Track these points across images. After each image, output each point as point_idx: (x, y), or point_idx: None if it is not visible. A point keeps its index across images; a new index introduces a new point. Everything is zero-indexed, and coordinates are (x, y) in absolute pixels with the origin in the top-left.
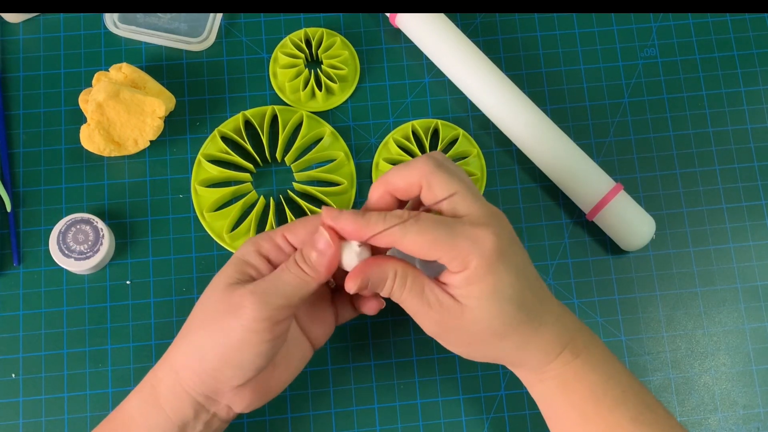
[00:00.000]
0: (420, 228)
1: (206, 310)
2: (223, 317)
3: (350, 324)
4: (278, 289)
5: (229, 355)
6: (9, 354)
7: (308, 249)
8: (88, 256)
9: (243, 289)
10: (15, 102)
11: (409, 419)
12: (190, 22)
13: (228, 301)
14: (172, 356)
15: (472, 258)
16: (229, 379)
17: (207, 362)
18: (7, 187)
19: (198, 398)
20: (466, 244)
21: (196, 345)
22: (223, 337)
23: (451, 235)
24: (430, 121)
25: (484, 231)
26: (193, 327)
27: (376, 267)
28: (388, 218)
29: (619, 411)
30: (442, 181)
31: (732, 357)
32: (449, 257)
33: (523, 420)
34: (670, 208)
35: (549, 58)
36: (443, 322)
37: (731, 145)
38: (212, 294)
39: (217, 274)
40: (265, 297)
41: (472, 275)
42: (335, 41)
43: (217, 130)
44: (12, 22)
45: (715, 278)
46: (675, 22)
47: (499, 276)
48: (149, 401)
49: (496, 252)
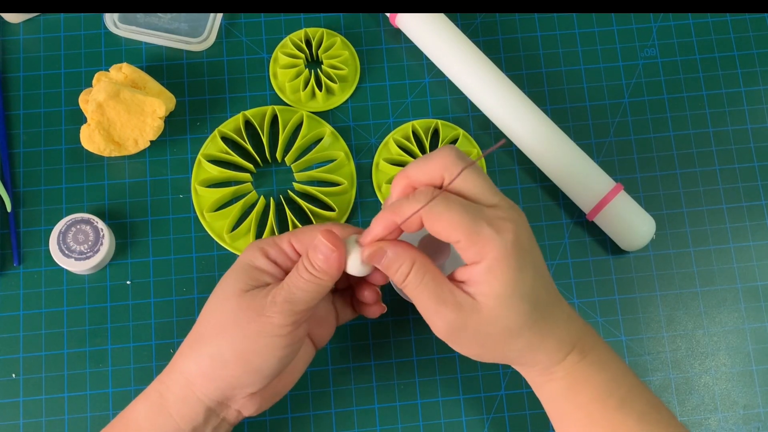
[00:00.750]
0: (447, 206)
1: (223, 318)
2: (246, 324)
3: (351, 324)
4: (297, 295)
5: (252, 362)
6: (9, 354)
7: (314, 253)
8: (89, 256)
9: (264, 295)
10: (15, 102)
11: (410, 419)
12: (190, 22)
13: (249, 308)
14: (181, 364)
15: (492, 249)
16: (248, 385)
17: (227, 369)
18: (8, 187)
19: (210, 404)
20: (488, 232)
21: (213, 352)
22: (246, 344)
23: (474, 220)
24: (431, 121)
25: (506, 223)
26: (208, 334)
27: (399, 247)
28: (414, 197)
29: (625, 411)
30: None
31: (732, 357)
32: (468, 242)
33: (524, 420)
34: (671, 208)
35: (549, 58)
36: (456, 322)
37: (731, 145)
38: (226, 301)
39: (224, 280)
40: (288, 303)
41: (491, 268)
42: (335, 41)
43: (217, 130)
44: (12, 22)
45: (716, 278)
46: (675, 23)
47: (518, 272)
48: (157, 408)
49: (516, 246)
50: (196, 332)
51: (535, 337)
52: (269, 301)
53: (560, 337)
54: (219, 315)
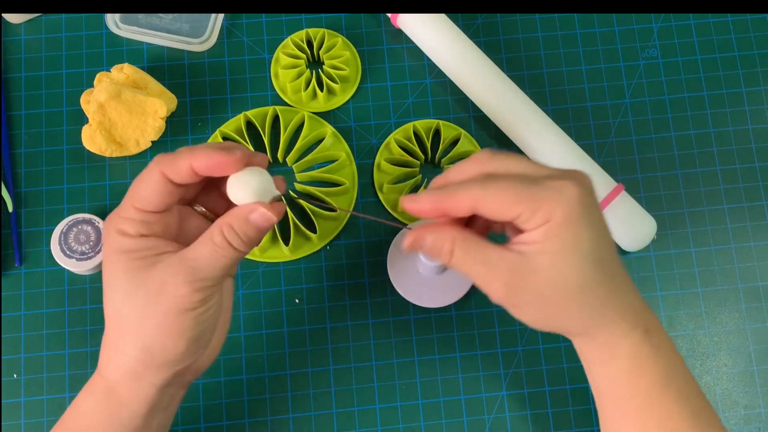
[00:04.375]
0: (501, 184)
1: (131, 313)
2: (159, 313)
3: (351, 324)
4: (207, 270)
5: (184, 340)
6: (11, 354)
7: (244, 225)
8: (90, 256)
9: (160, 275)
10: (17, 102)
11: (411, 419)
12: (191, 22)
13: (151, 294)
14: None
15: (557, 208)
16: (202, 362)
17: (165, 355)
18: (9, 188)
19: (163, 383)
20: (550, 193)
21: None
22: (170, 327)
23: (533, 188)
24: (432, 121)
25: (569, 182)
26: (127, 331)
27: (435, 233)
28: (463, 184)
29: (682, 403)
30: (504, 161)
31: (733, 357)
32: (531, 210)
33: (525, 420)
34: (672, 208)
35: (550, 59)
36: (513, 284)
37: (732, 146)
38: (126, 296)
39: (109, 274)
40: (198, 281)
41: (553, 227)
42: (337, 42)
43: (218, 131)
44: (14, 22)
45: (717, 278)
46: (676, 23)
47: (580, 230)
48: (107, 401)
49: (581, 203)
50: (113, 330)
51: (599, 301)
52: (170, 280)
53: (625, 308)
54: (125, 312)
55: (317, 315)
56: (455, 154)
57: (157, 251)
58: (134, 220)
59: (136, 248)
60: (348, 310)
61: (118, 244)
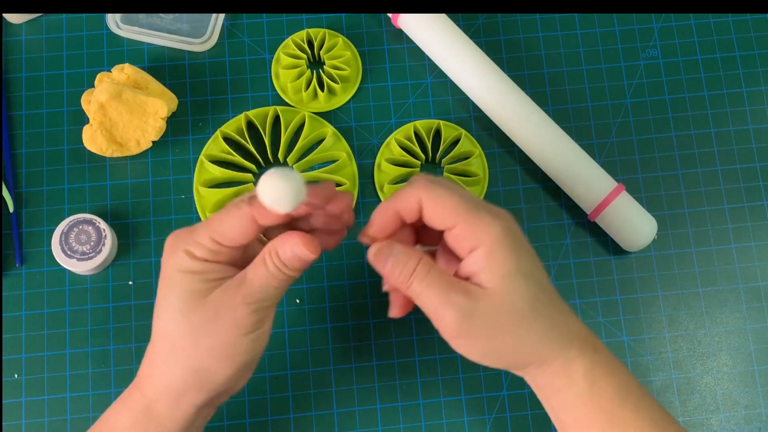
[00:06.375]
0: (447, 190)
1: (185, 332)
2: (214, 332)
3: (352, 324)
4: (262, 292)
5: (233, 364)
6: (12, 354)
7: (290, 257)
8: (91, 256)
9: (219, 298)
10: (17, 103)
11: (411, 419)
12: (192, 22)
13: (209, 315)
14: (162, 377)
15: (490, 232)
16: (239, 385)
17: (213, 377)
18: (10, 188)
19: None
20: (487, 216)
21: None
22: (223, 351)
23: (472, 206)
24: (432, 121)
25: (500, 212)
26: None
27: (403, 248)
28: (412, 183)
29: (641, 415)
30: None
31: (734, 357)
32: (467, 226)
33: (525, 420)
34: (672, 208)
35: (551, 59)
36: (466, 308)
37: (733, 146)
38: (181, 316)
39: (164, 298)
40: (254, 303)
41: (491, 252)
42: (337, 42)
43: (219, 131)
44: (14, 22)
45: (717, 279)
46: (677, 23)
47: (521, 253)
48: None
49: (513, 231)
50: (161, 347)
51: (547, 323)
52: (228, 303)
53: (571, 330)
54: (178, 331)
55: (318, 315)
56: (456, 154)
57: (220, 275)
58: (206, 247)
59: (200, 270)
60: (349, 310)
61: (183, 264)
